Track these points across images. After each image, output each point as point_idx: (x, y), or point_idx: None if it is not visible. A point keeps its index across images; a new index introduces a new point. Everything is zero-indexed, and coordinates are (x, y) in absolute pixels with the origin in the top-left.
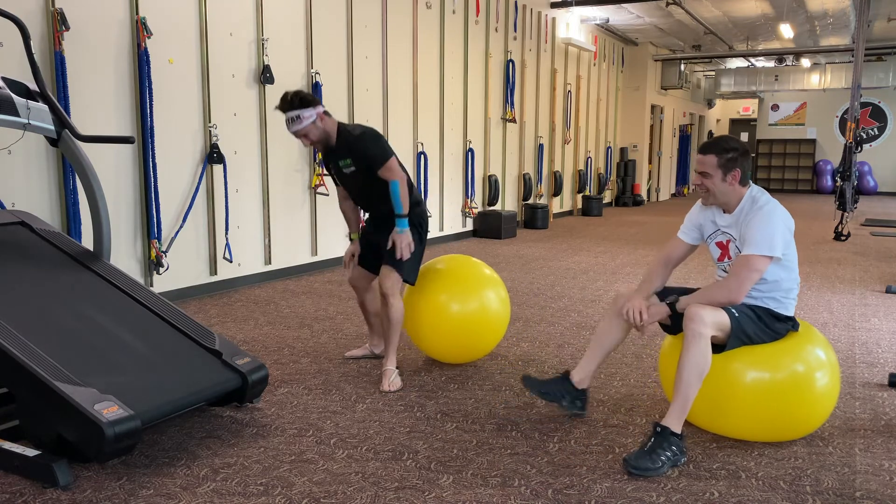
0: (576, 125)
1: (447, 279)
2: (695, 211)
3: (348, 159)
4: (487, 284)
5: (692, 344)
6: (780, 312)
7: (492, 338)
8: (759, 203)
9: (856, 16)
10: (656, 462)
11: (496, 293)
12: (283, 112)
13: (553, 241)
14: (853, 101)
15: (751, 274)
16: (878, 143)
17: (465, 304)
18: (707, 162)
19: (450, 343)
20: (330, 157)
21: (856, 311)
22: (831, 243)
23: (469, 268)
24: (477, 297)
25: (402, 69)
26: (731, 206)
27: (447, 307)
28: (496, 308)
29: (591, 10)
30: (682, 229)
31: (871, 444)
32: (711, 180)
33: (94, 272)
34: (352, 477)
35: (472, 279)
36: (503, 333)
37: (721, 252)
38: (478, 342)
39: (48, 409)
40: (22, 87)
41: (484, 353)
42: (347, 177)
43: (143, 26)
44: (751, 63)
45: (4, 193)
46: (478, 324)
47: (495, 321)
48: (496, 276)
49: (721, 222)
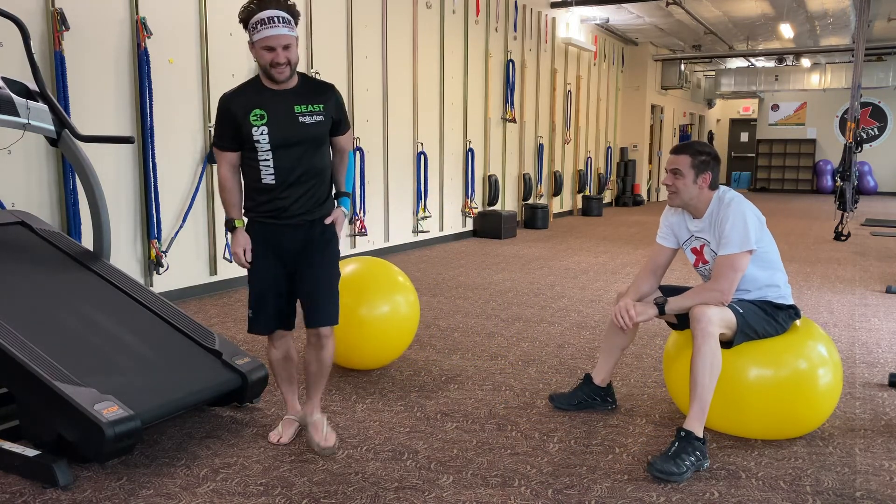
0: (576, 125)
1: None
2: (666, 214)
3: (318, 105)
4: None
5: (702, 344)
6: (781, 302)
7: (399, 343)
8: (724, 201)
9: (856, 16)
10: (681, 467)
11: (405, 297)
12: (271, 9)
13: (553, 241)
14: (853, 101)
15: (735, 274)
16: (878, 143)
17: (373, 309)
18: (681, 161)
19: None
20: (276, 100)
21: (856, 311)
22: (831, 243)
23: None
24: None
25: (402, 69)
26: (700, 210)
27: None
28: (405, 312)
29: (591, 10)
30: (659, 234)
31: (871, 444)
32: (683, 180)
33: (94, 272)
34: (352, 477)
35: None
36: (411, 338)
37: (696, 258)
38: (385, 347)
39: (48, 409)
40: (22, 87)
41: (392, 358)
42: (295, 130)
43: (143, 26)
44: (751, 63)
45: (4, 193)
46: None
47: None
48: (407, 281)
49: (693, 227)
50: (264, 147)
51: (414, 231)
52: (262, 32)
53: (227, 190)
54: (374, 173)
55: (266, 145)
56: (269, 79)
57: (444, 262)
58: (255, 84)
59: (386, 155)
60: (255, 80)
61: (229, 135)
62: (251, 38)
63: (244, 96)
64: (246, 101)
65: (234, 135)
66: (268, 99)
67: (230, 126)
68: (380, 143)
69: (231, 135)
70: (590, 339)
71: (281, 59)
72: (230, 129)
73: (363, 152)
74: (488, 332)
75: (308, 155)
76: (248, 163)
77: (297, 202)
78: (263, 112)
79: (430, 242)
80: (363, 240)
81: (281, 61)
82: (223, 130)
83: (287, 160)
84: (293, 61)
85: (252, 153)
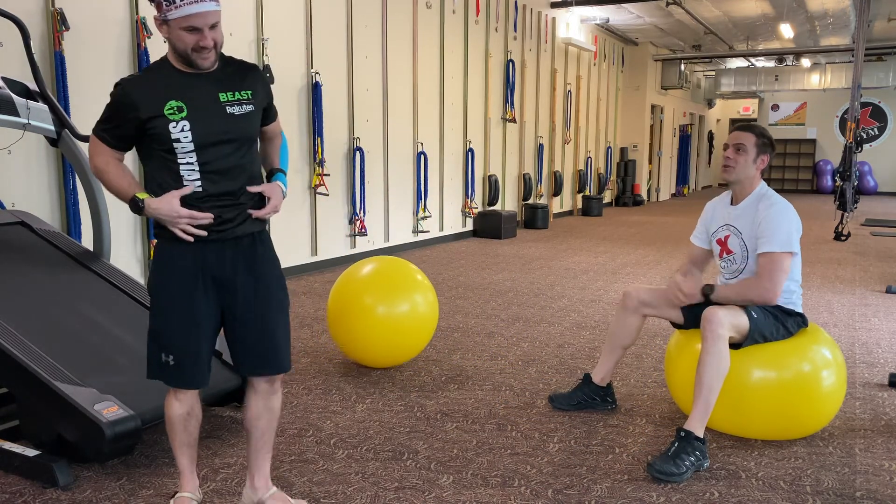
0: (576, 125)
1: (374, 282)
2: (706, 210)
3: (246, 91)
4: (416, 288)
5: (711, 346)
6: (791, 308)
7: (419, 340)
8: (770, 199)
9: (856, 16)
10: (680, 467)
11: (423, 296)
12: None
13: (553, 241)
14: (853, 101)
15: (781, 273)
16: (878, 143)
17: (393, 307)
18: (746, 137)
19: (378, 346)
20: (196, 87)
21: (856, 311)
22: (831, 243)
23: (396, 270)
24: (406, 299)
25: (402, 69)
26: (743, 193)
27: (374, 310)
28: (423, 311)
29: (591, 10)
30: (694, 233)
31: (871, 444)
32: (745, 156)
33: (94, 272)
34: (352, 477)
35: (400, 282)
36: (431, 336)
37: (721, 248)
38: (405, 344)
39: (48, 409)
40: (22, 87)
41: (411, 355)
42: (223, 123)
43: (143, 26)
44: (751, 63)
45: (4, 193)
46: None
47: (423, 323)
48: (426, 280)
49: (728, 213)
50: (186, 147)
51: (414, 231)
52: (183, 9)
53: (110, 173)
54: (374, 173)
55: (188, 145)
56: (186, 64)
57: (444, 262)
58: (163, 68)
59: (386, 155)
60: (164, 63)
61: (124, 132)
62: (164, 16)
63: (152, 84)
64: (156, 89)
65: (132, 134)
66: (185, 86)
67: (128, 122)
68: (380, 143)
69: (126, 133)
70: (590, 339)
71: (208, 42)
72: (128, 126)
73: (363, 152)
74: (488, 332)
75: (239, 154)
76: (163, 167)
77: (230, 213)
78: (181, 103)
79: (430, 242)
80: (363, 240)
81: (208, 45)
82: (116, 125)
83: (215, 162)
84: (220, 43)
85: (169, 155)
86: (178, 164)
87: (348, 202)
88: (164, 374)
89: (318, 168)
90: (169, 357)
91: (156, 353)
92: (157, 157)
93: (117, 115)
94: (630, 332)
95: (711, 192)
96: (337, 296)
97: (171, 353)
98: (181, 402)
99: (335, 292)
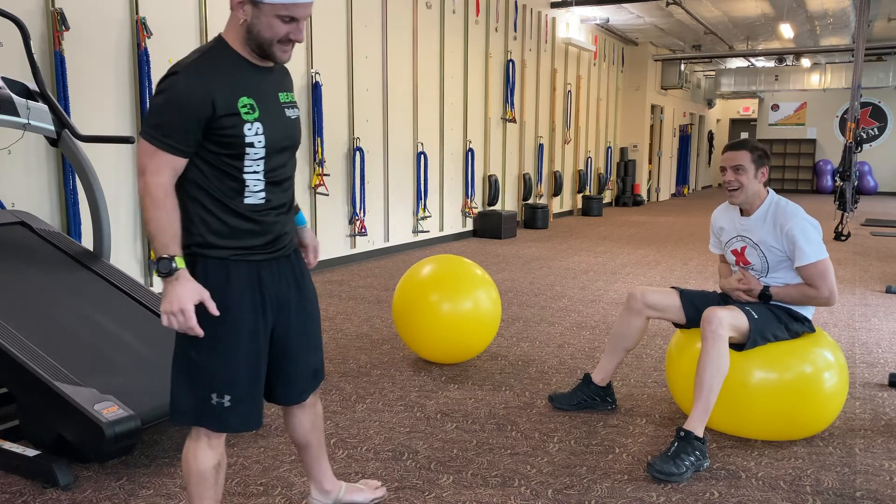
0: (576, 125)
1: (438, 279)
2: (715, 216)
3: (292, 93)
4: (479, 284)
5: (711, 346)
6: (799, 312)
7: (485, 337)
8: (787, 210)
9: (856, 16)
10: (680, 467)
11: (487, 293)
12: None
13: (553, 241)
14: (853, 101)
15: (830, 275)
16: (878, 143)
17: (458, 304)
18: (742, 157)
19: (443, 343)
20: (264, 85)
21: (856, 311)
22: (831, 243)
23: (460, 268)
24: (470, 296)
25: (402, 69)
26: (753, 206)
27: (439, 307)
28: (487, 307)
29: (591, 10)
30: (711, 243)
31: (871, 444)
32: (746, 175)
33: (94, 272)
34: (352, 477)
35: (463, 279)
36: (495, 332)
37: (736, 258)
38: (470, 341)
39: (48, 409)
40: (22, 87)
41: (477, 352)
42: (286, 128)
43: (143, 26)
44: (751, 63)
45: (4, 193)
46: (471, 323)
47: (487, 320)
48: (487, 276)
49: (740, 225)
50: (258, 154)
51: (414, 231)
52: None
53: (167, 209)
54: (374, 173)
55: (261, 150)
56: (260, 55)
57: None
58: (227, 55)
59: (386, 155)
60: (226, 50)
61: (196, 136)
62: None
63: (225, 74)
64: (227, 82)
65: (200, 138)
66: (254, 81)
67: (199, 122)
68: (380, 143)
69: (197, 138)
70: (590, 339)
71: (301, 36)
72: (198, 128)
73: (363, 152)
74: None
75: (293, 163)
76: (223, 174)
77: (286, 226)
78: (253, 101)
79: (430, 242)
80: (363, 240)
81: (301, 38)
82: (182, 122)
83: (278, 170)
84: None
85: (235, 161)
86: (243, 173)
87: (348, 202)
88: (215, 418)
89: (318, 168)
90: (224, 398)
91: (203, 394)
92: (217, 162)
93: (186, 114)
94: (633, 334)
95: (711, 192)
96: (402, 294)
97: (228, 392)
98: (214, 449)
99: (400, 290)
